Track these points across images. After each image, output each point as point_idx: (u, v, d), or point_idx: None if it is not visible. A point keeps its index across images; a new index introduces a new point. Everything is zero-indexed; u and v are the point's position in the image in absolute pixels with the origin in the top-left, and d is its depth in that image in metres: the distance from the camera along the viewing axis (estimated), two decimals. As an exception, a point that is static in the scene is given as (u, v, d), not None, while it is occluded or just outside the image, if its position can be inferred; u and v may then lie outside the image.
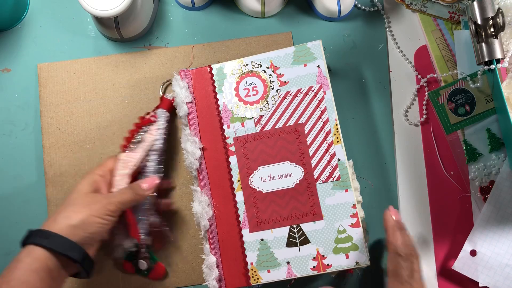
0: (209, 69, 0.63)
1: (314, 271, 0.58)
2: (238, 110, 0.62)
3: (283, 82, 0.62)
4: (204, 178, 0.61)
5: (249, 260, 0.59)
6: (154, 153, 0.62)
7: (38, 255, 0.50)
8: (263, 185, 0.60)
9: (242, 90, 0.62)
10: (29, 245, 0.51)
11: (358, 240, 0.57)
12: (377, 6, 0.71)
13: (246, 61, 0.63)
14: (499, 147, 0.63)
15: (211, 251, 0.60)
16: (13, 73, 0.70)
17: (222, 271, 0.59)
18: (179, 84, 0.62)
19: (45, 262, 0.50)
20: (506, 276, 0.61)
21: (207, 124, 0.62)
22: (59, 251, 0.50)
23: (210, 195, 0.61)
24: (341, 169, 0.59)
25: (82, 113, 0.68)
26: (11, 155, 0.68)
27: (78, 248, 0.52)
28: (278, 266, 0.58)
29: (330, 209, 0.59)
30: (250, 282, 0.59)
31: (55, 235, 0.50)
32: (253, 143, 0.61)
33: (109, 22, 0.65)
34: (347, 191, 0.59)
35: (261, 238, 0.59)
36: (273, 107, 0.62)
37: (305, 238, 0.59)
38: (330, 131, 0.60)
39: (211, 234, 0.60)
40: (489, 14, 0.60)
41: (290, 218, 0.59)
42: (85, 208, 0.53)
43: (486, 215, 0.63)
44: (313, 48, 0.61)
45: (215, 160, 0.62)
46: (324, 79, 0.61)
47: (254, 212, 0.60)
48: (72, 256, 0.51)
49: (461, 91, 0.64)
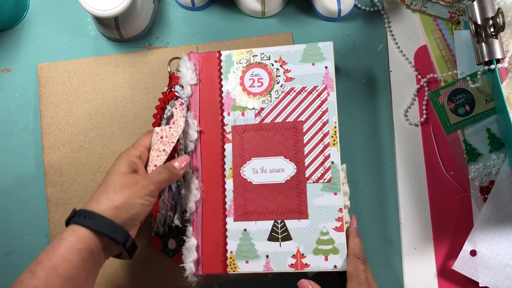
0: (218, 55, 0.64)
1: (291, 268, 0.58)
2: (241, 99, 0.62)
3: (289, 78, 0.62)
4: (197, 161, 0.62)
5: (229, 248, 0.59)
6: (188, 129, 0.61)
7: (81, 235, 0.50)
8: (254, 177, 0.60)
9: (247, 80, 0.63)
10: (73, 225, 0.51)
11: (339, 244, 0.57)
12: (377, 6, 0.71)
13: (255, 52, 0.63)
14: (499, 147, 0.63)
15: (193, 234, 0.60)
16: (13, 73, 0.70)
17: (201, 255, 0.60)
18: (187, 65, 0.63)
19: (88, 242, 0.50)
20: (506, 276, 0.61)
21: (208, 108, 0.63)
22: (103, 232, 0.50)
23: (201, 179, 0.61)
24: (333, 172, 0.59)
25: (82, 113, 0.68)
26: (11, 155, 0.68)
27: (122, 230, 0.52)
28: (257, 258, 0.59)
29: (317, 209, 0.59)
30: (227, 270, 0.59)
31: (98, 216, 0.51)
32: (251, 133, 0.61)
33: (109, 22, 0.65)
34: (336, 194, 0.59)
35: (244, 228, 0.59)
36: (275, 101, 0.62)
37: (288, 235, 0.59)
38: (328, 132, 0.60)
39: (196, 217, 0.60)
40: (489, 14, 0.60)
41: (275, 213, 0.59)
42: (126, 189, 0.53)
43: (486, 215, 0.63)
44: (324, 49, 0.62)
45: (211, 145, 0.62)
46: (330, 80, 0.61)
47: (241, 202, 0.60)
48: (116, 237, 0.51)
49: (461, 91, 0.64)
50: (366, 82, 0.69)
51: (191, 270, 0.59)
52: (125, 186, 0.53)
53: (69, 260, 0.48)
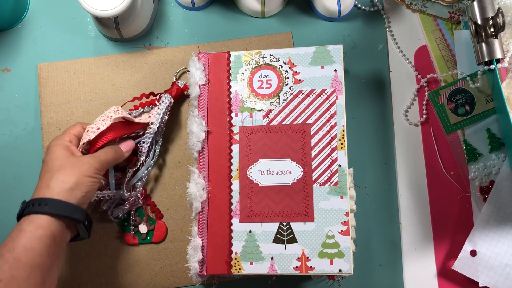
0: (227, 56, 0.64)
1: (296, 271, 0.58)
2: (249, 100, 0.62)
3: (298, 80, 0.62)
4: (204, 161, 0.62)
5: (234, 249, 0.59)
6: (149, 135, 0.63)
7: (41, 222, 0.50)
8: (260, 178, 0.60)
9: (256, 82, 0.63)
10: (28, 215, 0.51)
11: (345, 248, 0.57)
12: (377, 6, 0.71)
13: (264, 53, 0.63)
14: (499, 147, 0.63)
15: (199, 234, 0.60)
16: (13, 73, 0.70)
17: (206, 255, 0.60)
18: (195, 65, 0.63)
19: (49, 228, 0.50)
20: (506, 276, 0.61)
21: (216, 109, 0.63)
22: (63, 215, 0.51)
23: (207, 179, 0.61)
24: (340, 176, 0.59)
25: (82, 113, 0.68)
26: (11, 155, 0.68)
27: (79, 209, 0.53)
28: (262, 260, 0.59)
29: (323, 213, 0.59)
30: (232, 271, 0.59)
31: (53, 200, 0.51)
32: (258, 135, 0.61)
33: (109, 22, 0.65)
34: (342, 198, 0.59)
35: (250, 229, 0.60)
36: (283, 103, 0.62)
37: (293, 237, 0.59)
38: (336, 136, 0.60)
39: (201, 217, 0.61)
40: (489, 14, 0.60)
41: (281, 215, 0.59)
42: (75, 169, 0.54)
43: (486, 215, 0.63)
44: (333, 52, 0.62)
45: (218, 146, 0.62)
46: (339, 83, 0.61)
47: (247, 203, 0.60)
48: (76, 217, 0.52)
49: (461, 91, 0.64)
50: (366, 82, 0.69)
51: (196, 270, 0.59)
52: (74, 167, 0.54)
53: (32, 248, 0.48)
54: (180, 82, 0.66)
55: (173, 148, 0.67)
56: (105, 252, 0.66)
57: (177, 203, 0.67)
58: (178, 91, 0.65)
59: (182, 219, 0.66)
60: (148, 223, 0.66)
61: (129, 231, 0.65)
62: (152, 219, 0.66)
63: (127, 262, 0.66)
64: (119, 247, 0.66)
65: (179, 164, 0.67)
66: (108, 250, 0.66)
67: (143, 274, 0.65)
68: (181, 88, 0.65)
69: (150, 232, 0.66)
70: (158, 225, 0.66)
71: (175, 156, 0.67)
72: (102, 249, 0.66)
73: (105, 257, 0.66)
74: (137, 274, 0.65)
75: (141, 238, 0.66)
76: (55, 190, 0.52)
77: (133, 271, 0.65)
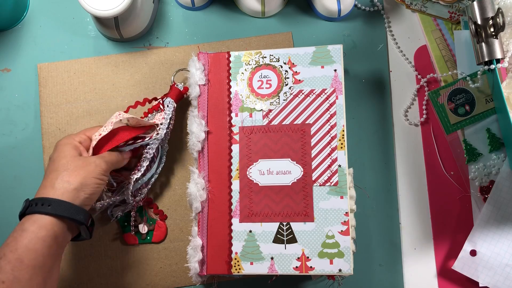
0: (227, 56, 0.64)
1: (296, 271, 0.58)
2: (249, 100, 0.62)
3: (298, 80, 0.62)
4: (204, 162, 0.62)
5: (234, 249, 0.59)
6: (156, 141, 0.62)
7: (43, 223, 0.50)
8: (260, 178, 0.60)
9: (256, 82, 0.63)
10: (31, 215, 0.51)
11: (345, 248, 0.58)
12: (377, 6, 0.71)
13: (264, 53, 0.63)
14: (499, 147, 0.63)
15: (199, 234, 0.60)
16: (13, 73, 0.70)
17: (206, 255, 0.60)
18: (195, 65, 0.63)
19: (51, 229, 0.50)
20: (506, 276, 0.61)
21: (216, 109, 0.63)
22: (65, 216, 0.51)
23: (207, 179, 0.61)
24: (340, 176, 0.59)
25: (82, 113, 0.68)
26: (11, 155, 0.68)
27: (83, 211, 0.53)
28: (262, 260, 0.59)
29: (323, 213, 0.59)
30: (232, 271, 0.59)
31: (58, 201, 0.51)
32: (258, 135, 0.61)
33: (109, 22, 0.65)
34: (342, 197, 0.59)
35: (250, 229, 0.60)
36: (283, 103, 0.62)
37: (293, 237, 0.59)
38: (336, 136, 0.60)
39: (201, 218, 0.61)
40: (489, 14, 0.60)
41: (281, 215, 0.59)
42: (81, 170, 0.53)
43: (486, 215, 0.63)
44: (333, 52, 0.62)
45: (218, 146, 0.62)
46: (339, 83, 0.61)
47: (247, 203, 0.60)
48: (78, 219, 0.52)
49: (461, 91, 0.64)
50: (366, 82, 0.69)
51: (196, 270, 0.59)
52: (80, 167, 0.54)
53: (34, 249, 0.48)
54: (180, 85, 0.65)
55: (173, 148, 0.67)
56: (105, 252, 0.66)
57: (177, 203, 0.67)
58: (178, 93, 0.65)
59: (182, 219, 0.66)
60: (148, 223, 0.66)
61: (129, 231, 0.65)
62: (152, 219, 0.66)
63: (127, 262, 0.66)
64: (119, 247, 0.66)
65: (179, 164, 0.67)
66: (108, 250, 0.66)
67: (143, 274, 0.65)
68: (181, 91, 0.65)
69: (150, 232, 0.66)
70: (158, 225, 0.66)
71: (175, 156, 0.67)
72: (102, 249, 0.66)
73: (105, 257, 0.66)
74: (137, 274, 0.65)
75: (141, 238, 0.66)
76: (59, 190, 0.52)
77: (133, 271, 0.65)
